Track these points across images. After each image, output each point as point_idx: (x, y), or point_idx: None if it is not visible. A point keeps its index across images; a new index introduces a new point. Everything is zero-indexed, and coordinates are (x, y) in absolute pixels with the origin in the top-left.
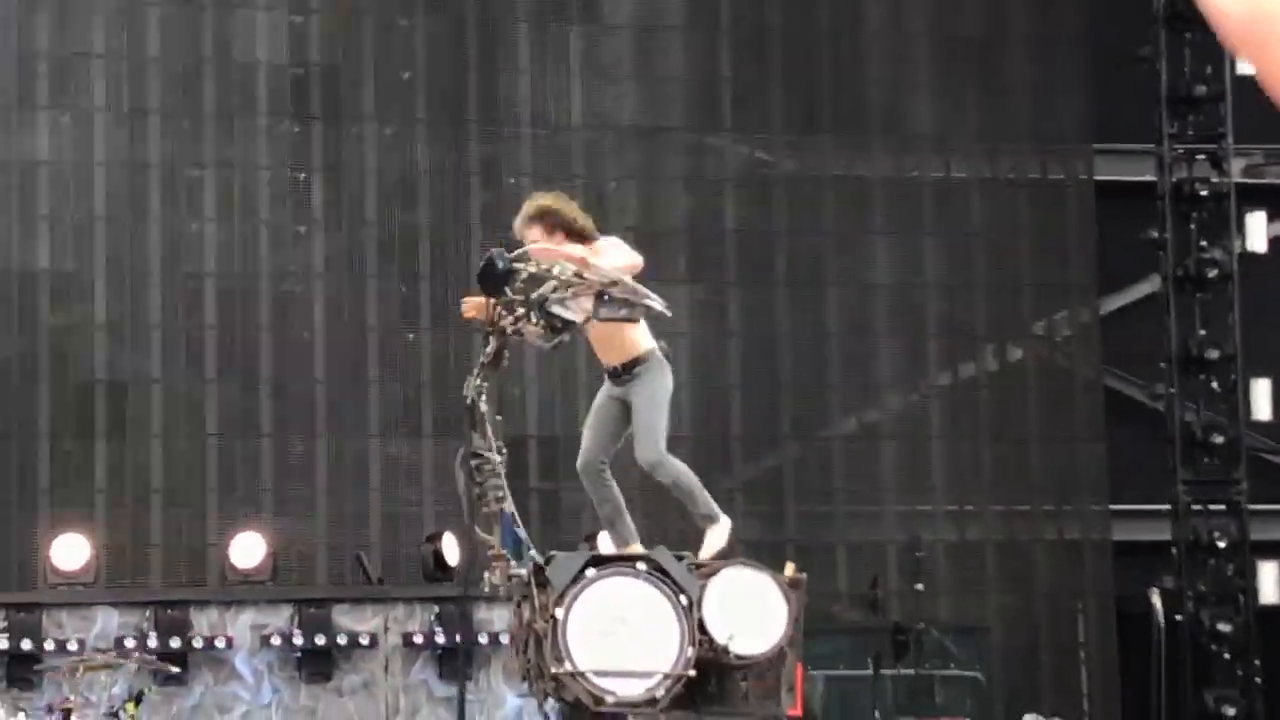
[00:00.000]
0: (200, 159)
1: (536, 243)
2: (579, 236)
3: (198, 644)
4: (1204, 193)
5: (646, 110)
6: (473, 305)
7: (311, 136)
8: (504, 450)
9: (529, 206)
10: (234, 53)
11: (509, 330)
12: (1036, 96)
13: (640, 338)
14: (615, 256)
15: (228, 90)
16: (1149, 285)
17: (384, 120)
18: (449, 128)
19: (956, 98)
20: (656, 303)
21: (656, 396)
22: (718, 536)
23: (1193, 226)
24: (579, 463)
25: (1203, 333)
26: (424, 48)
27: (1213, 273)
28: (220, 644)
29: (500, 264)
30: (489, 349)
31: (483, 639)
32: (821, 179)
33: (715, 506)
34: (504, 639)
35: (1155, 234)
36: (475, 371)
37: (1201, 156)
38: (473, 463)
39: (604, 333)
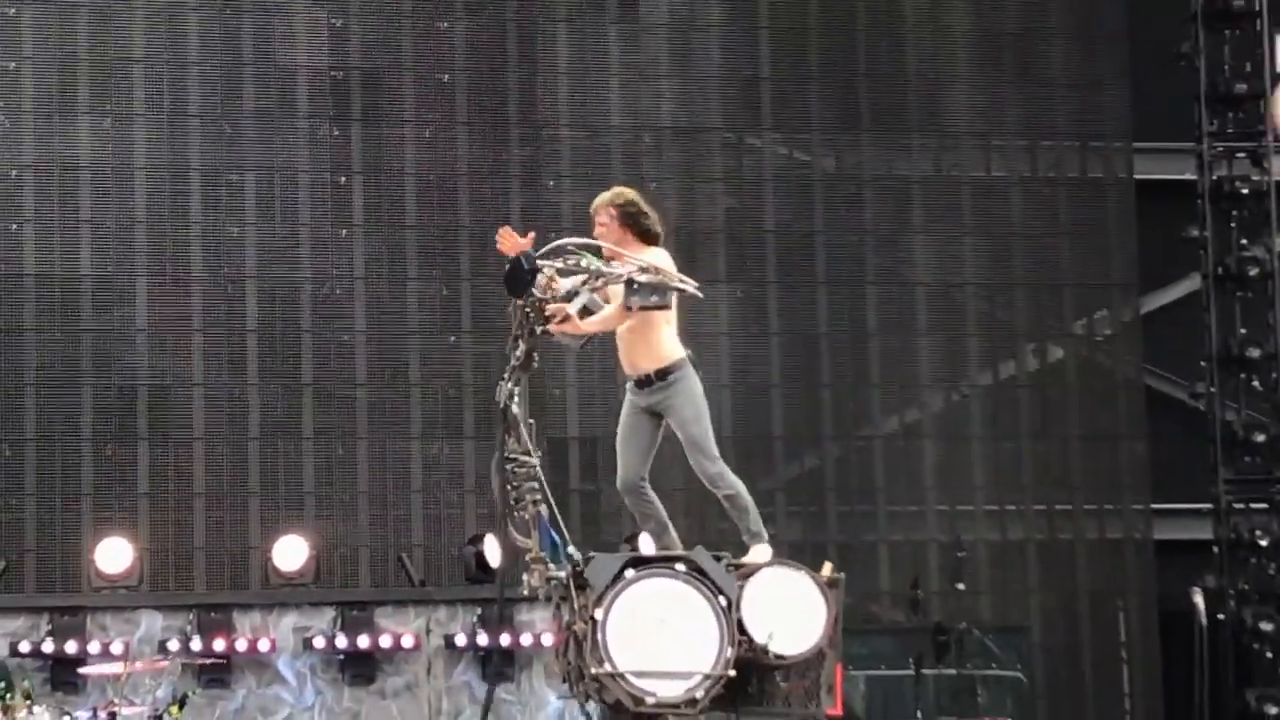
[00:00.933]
0: (240, 162)
1: (604, 226)
2: (644, 237)
3: (241, 647)
4: (1244, 190)
5: (685, 110)
6: (507, 235)
7: (351, 139)
8: (535, 453)
9: (614, 192)
10: (274, 56)
11: (540, 331)
12: (1076, 94)
13: (672, 345)
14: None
15: (267, 93)
16: (1189, 284)
17: (424, 122)
18: (489, 129)
19: (996, 95)
20: (688, 285)
21: (698, 407)
22: (759, 555)
23: (1233, 225)
24: (619, 482)
25: (1243, 331)
26: (463, 50)
27: (1253, 271)
28: (263, 647)
29: (526, 264)
30: (519, 352)
31: (524, 641)
32: (861, 178)
33: (763, 526)
34: (545, 640)
35: (1195, 232)
36: (506, 375)
37: (1241, 154)
38: (508, 466)
39: (634, 339)
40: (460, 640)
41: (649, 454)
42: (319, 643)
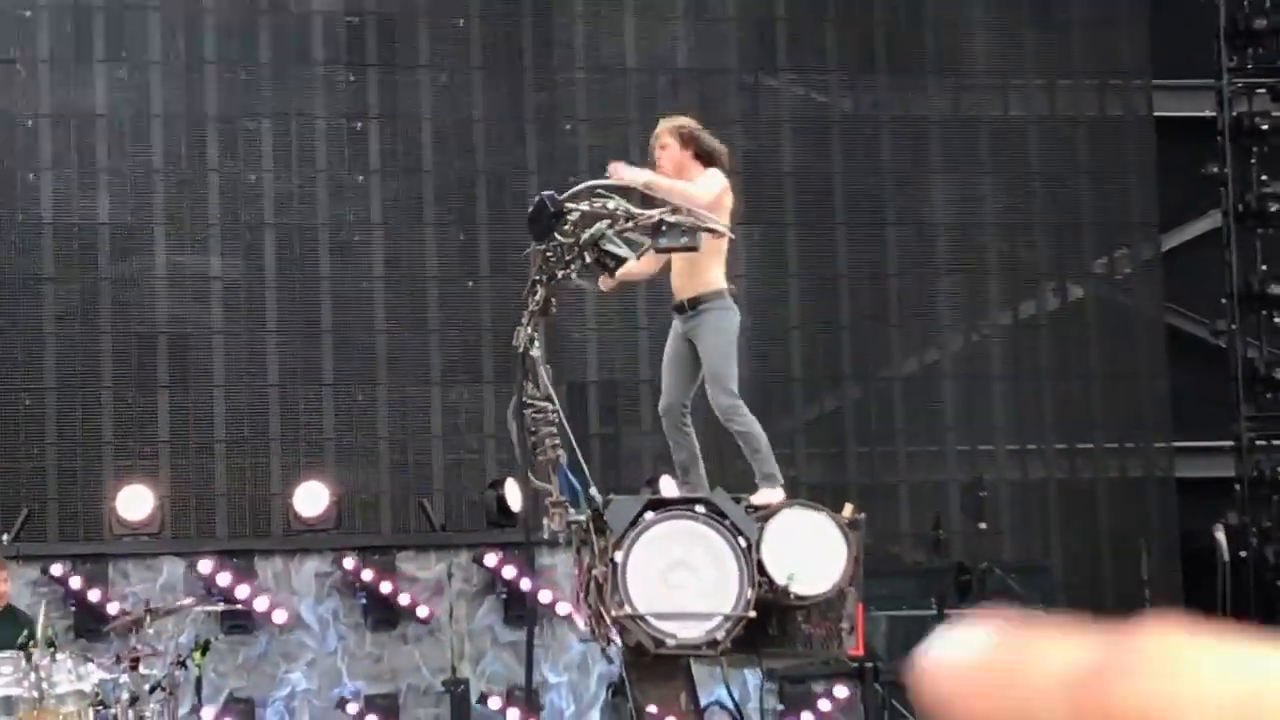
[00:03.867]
0: (257, 110)
1: (666, 149)
2: (707, 159)
3: (263, 593)
4: (1264, 127)
5: (701, 52)
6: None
7: (368, 85)
8: (554, 398)
9: (679, 119)
10: (289, 3)
11: (560, 275)
12: (1095, 32)
13: (713, 275)
14: (693, 186)
15: (283, 40)
16: (1210, 221)
17: (439, 68)
18: (504, 74)
19: (1014, 35)
20: (718, 225)
21: (720, 340)
22: (769, 498)
23: (1253, 161)
24: (660, 406)
25: (1264, 268)
26: None
27: (1274, 207)
28: (285, 593)
29: (550, 206)
30: (537, 297)
31: (545, 588)
32: (878, 118)
33: (777, 469)
34: (566, 584)
35: (1215, 169)
36: (524, 320)
37: (1262, 90)
38: (526, 411)
39: (682, 265)
40: (481, 584)
41: (691, 382)
42: (341, 588)
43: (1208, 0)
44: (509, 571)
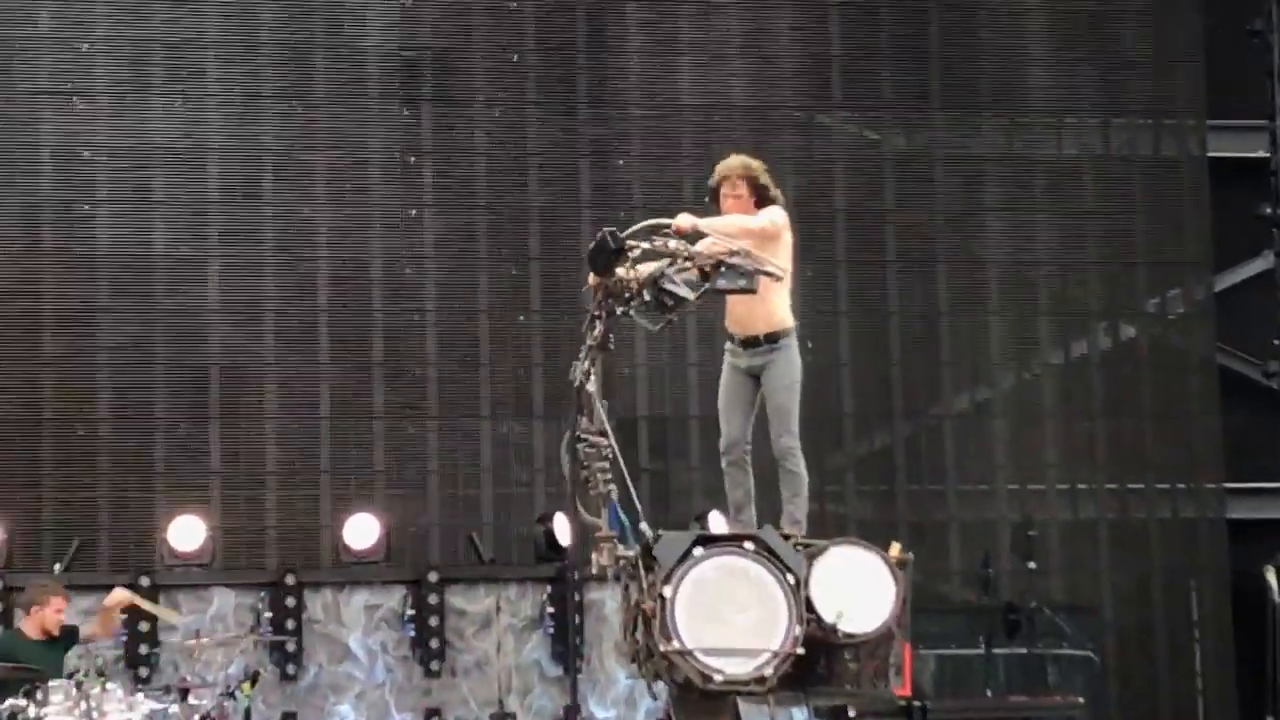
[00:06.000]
0: (312, 143)
1: (734, 189)
2: (766, 201)
3: (312, 625)
4: None
5: (755, 89)
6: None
7: (422, 119)
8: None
9: (744, 160)
10: (345, 37)
11: (619, 311)
12: (1149, 71)
13: (786, 312)
14: (753, 219)
15: (339, 74)
16: (1263, 262)
17: (494, 103)
18: (559, 110)
19: (1068, 73)
20: (775, 269)
21: (794, 377)
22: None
23: None
24: (723, 444)
25: None
26: (533, 29)
27: None
28: (334, 625)
29: (613, 243)
30: (596, 332)
31: (593, 619)
32: (932, 156)
33: (805, 518)
34: (614, 619)
35: (1269, 210)
36: (582, 354)
37: None
38: (579, 446)
39: (754, 300)
40: (530, 619)
41: (750, 416)
42: (390, 621)
43: (1261, 41)
44: (557, 606)
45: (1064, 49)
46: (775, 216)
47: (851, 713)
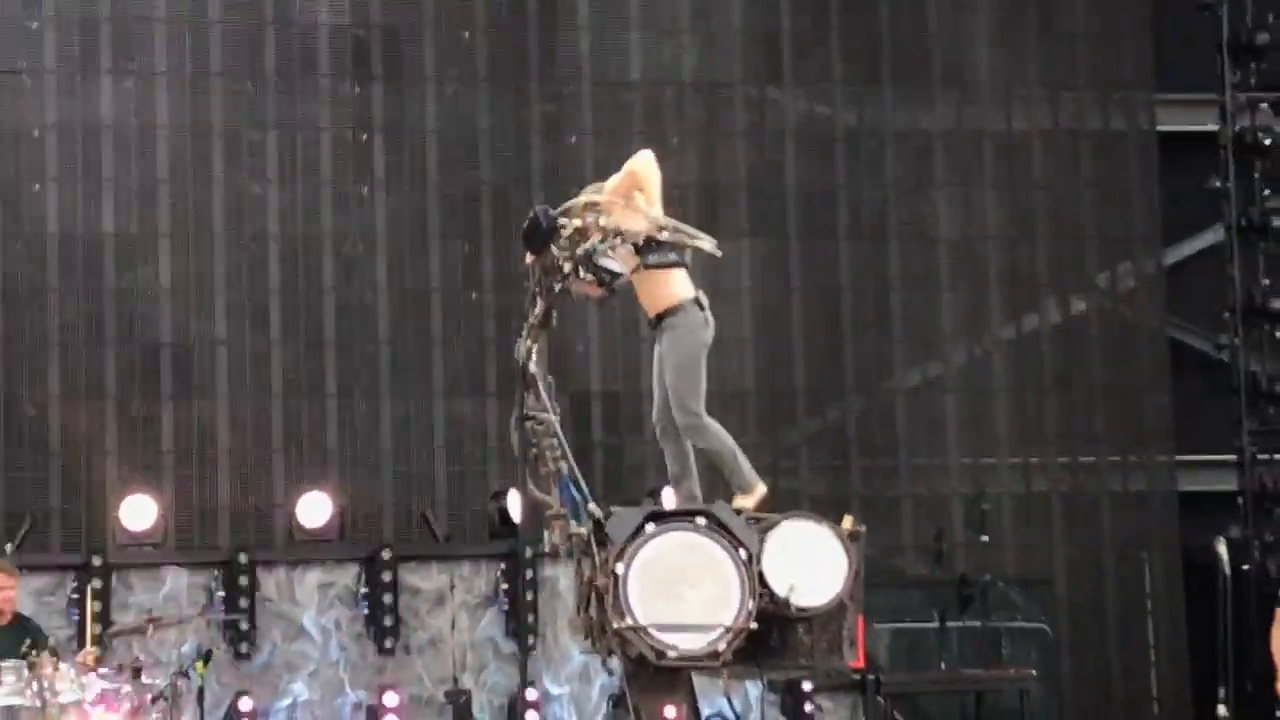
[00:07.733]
0: (262, 121)
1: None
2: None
3: (265, 603)
4: (1267, 141)
5: (706, 65)
6: None
7: (372, 97)
8: (555, 410)
9: (589, 198)
10: (295, 14)
11: (558, 288)
12: (1098, 45)
13: (676, 288)
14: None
15: (289, 52)
16: (1212, 235)
17: (445, 80)
18: (510, 86)
19: (1017, 48)
20: (705, 243)
21: (682, 356)
22: (747, 503)
23: (1256, 175)
24: (654, 417)
25: (1266, 282)
26: (483, 7)
27: (1276, 222)
28: (287, 603)
29: (544, 221)
30: (538, 309)
31: (547, 596)
32: (882, 132)
33: (752, 476)
34: (568, 596)
35: (1218, 183)
36: (525, 333)
37: (1264, 104)
38: (527, 424)
39: (643, 283)
40: (484, 596)
41: None
42: (343, 599)
43: (1210, 14)
44: (511, 583)
45: (1013, 22)
46: (634, 163)
47: (806, 686)
